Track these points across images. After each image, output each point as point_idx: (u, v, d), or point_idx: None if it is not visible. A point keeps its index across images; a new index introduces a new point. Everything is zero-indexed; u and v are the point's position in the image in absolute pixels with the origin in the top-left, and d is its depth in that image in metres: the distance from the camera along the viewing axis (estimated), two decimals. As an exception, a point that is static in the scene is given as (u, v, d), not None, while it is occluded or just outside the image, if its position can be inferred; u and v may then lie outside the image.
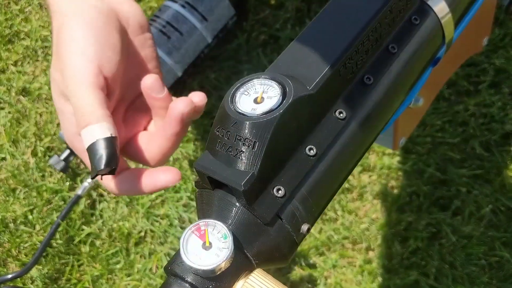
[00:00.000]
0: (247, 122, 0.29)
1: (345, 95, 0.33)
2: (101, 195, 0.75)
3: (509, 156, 0.74)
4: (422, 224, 0.71)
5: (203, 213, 0.31)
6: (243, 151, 0.29)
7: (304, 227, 0.30)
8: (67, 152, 0.73)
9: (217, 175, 0.29)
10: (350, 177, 0.75)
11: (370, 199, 0.74)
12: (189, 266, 0.27)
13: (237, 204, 0.29)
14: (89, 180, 0.73)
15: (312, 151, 0.31)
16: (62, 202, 0.74)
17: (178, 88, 0.77)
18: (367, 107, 0.33)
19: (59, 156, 0.73)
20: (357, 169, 0.76)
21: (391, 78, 0.35)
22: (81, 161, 0.76)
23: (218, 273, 0.28)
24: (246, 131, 0.29)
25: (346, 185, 0.74)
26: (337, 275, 0.71)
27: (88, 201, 0.74)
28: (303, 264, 0.71)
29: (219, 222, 0.28)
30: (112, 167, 0.34)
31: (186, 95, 0.79)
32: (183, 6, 0.74)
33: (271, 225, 0.29)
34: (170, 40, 0.73)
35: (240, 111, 0.29)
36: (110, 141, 0.34)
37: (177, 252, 0.29)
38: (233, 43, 0.80)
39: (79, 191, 0.72)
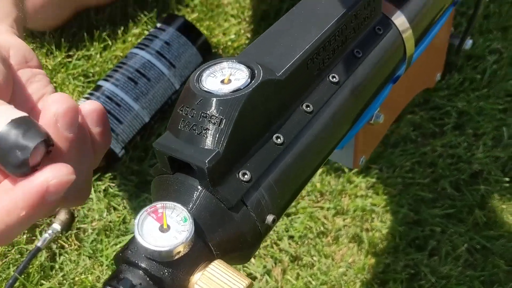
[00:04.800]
0: (214, 99, 0.28)
1: (312, 90, 0.33)
2: (62, 247, 0.70)
3: (479, 195, 0.75)
4: (400, 266, 0.70)
5: (160, 199, 0.29)
6: (209, 129, 0.28)
7: (270, 218, 0.29)
8: (26, 202, 0.68)
9: (179, 153, 0.28)
10: (324, 221, 0.74)
11: (345, 242, 0.72)
12: (144, 248, 0.25)
13: (199, 187, 0.28)
14: (50, 231, 0.68)
15: (279, 140, 0.30)
16: (19, 256, 0.68)
17: (145, 133, 0.75)
18: (333, 104, 0.34)
19: (17, 206, 0.68)
20: (331, 212, 0.74)
21: (356, 79, 0.36)
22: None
23: (176, 257, 0.26)
24: (213, 108, 0.28)
25: (321, 228, 0.73)
26: (317, 324, 0.67)
27: (48, 253, 0.69)
28: (280, 313, 0.67)
29: (178, 205, 0.27)
30: (50, 142, 0.26)
31: (154, 140, 0.77)
32: (150, 53, 0.74)
33: (235, 211, 0.28)
34: (137, 85, 0.72)
35: (207, 90, 0.29)
36: (28, 119, 0.26)
37: (130, 240, 0.27)
38: (201, 90, 0.80)
39: (38, 243, 0.67)
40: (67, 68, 0.80)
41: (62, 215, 0.70)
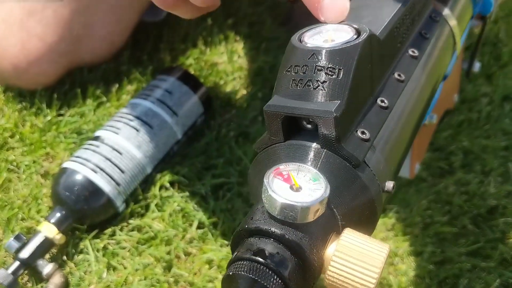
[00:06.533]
0: (328, 50, 0.26)
1: (398, 61, 0.34)
2: (57, 315, 0.60)
3: (499, 230, 0.72)
4: (437, 307, 0.64)
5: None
6: (326, 81, 0.26)
7: (390, 184, 0.27)
8: (17, 264, 0.60)
9: (298, 110, 0.25)
10: (346, 267, 0.68)
11: (371, 290, 0.66)
12: (281, 206, 0.22)
13: (319, 147, 0.25)
14: (42, 297, 0.59)
15: (384, 103, 0.29)
16: (8, 325, 0.58)
17: (146, 186, 0.70)
18: (417, 78, 0.34)
19: (6, 269, 0.59)
20: (352, 258, 0.69)
21: (430, 56, 0.37)
22: (31, 275, 0.63)
23: (313, 218, 0.22)
24: (329, 59, 0.26)
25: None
26: None
27: (41, 323, 0.59)
28: None
29: (303, 164, 0.24)
30: None
31: (155, 193, 0.72)
32: (151, 102, 0.72)
33: (361, 171, 0.25)
34: (139, 133, 0.69)
35: (314, 45, 0.28)
36: None
37: (252, 211, 0.24)
38: (202, 141, 0.77)
39: (30, 309, 0.57)
40: (58, 126, 0.75)
41: (57, 278, 0.62)
